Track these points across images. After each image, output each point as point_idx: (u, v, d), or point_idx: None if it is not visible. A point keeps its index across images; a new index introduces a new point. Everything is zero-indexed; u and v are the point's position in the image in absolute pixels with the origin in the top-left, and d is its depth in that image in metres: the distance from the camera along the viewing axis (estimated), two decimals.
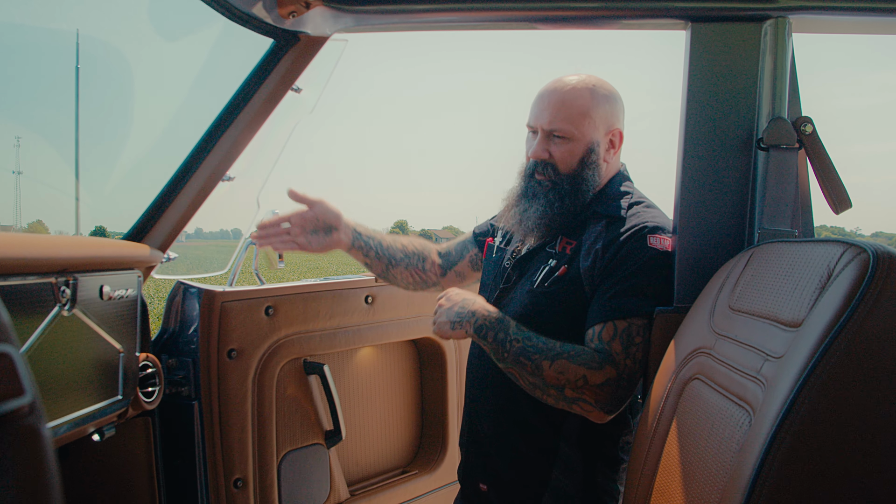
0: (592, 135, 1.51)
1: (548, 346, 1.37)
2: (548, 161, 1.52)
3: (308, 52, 1.61)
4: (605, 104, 1.52)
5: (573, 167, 1.51)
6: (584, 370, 1.34)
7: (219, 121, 1.65)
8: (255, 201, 1.96)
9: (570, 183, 1.51)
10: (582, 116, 1.49)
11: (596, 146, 1.51)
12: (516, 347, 1.37)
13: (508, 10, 1.48)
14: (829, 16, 1.40)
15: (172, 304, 1.77)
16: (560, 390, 1.35)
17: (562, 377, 1.35)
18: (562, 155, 1.51)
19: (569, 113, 1.49)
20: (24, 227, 76.31)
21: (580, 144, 1.50)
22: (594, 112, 1.50)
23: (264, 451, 1.80)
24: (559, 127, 1.49)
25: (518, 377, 1.40)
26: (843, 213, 1.41)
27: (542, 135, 1.52)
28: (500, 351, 1.39)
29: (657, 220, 1.46)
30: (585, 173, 1.51)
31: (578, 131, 1.49)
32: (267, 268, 2.05)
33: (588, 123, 1.50)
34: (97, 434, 1.46)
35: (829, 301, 0.89)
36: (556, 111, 1.50)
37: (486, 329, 1.40)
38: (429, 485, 2.26)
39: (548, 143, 1.52)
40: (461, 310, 1.44)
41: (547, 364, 1.35)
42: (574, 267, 1.46)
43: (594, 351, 1.38)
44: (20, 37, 22.51)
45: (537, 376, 1.36)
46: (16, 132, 53.75)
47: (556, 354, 1.36)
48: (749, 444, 0.91)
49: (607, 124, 1.53)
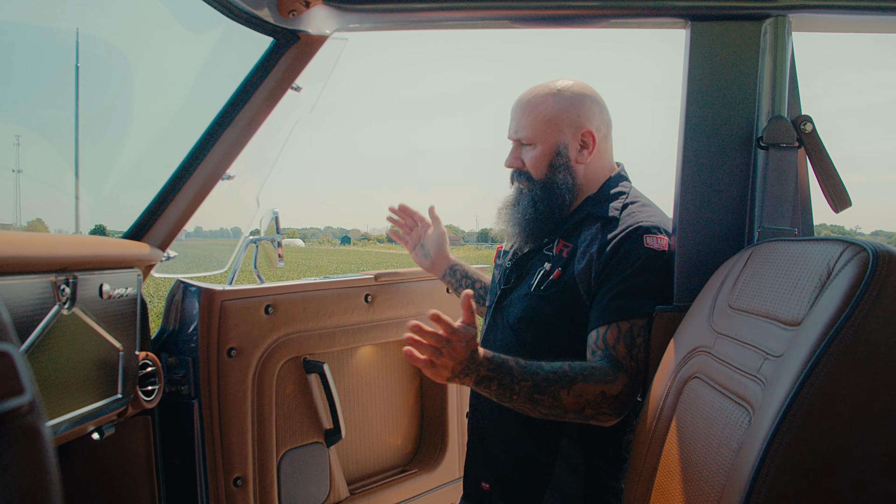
0: (557, 138, 1.53)
1: (559, 373, 1.33)
2: (521, 169, 1.58)
3: (308, 50, 1.62)
4: (570, 107, 1.53)
5: (543, 172, 1.55)
6: (602, 387, 1.33)
7: (218, 119, 1.65)
8: (255, 200, 1.97)
9: (542, 188, 1.54)
10: (543, 122, 1.53)
11: (563, 149, 1.53)
12: (526, 387, 1.31)
13: (508, 9, 1.48)
14: (829, 14, 1.40)
15: (172, 303, 1.77)
16: (580, 412, 1.34)
17: (581, 399, 1.32)
18: (531, 162, 1.55)
19: (529, 120, 1.54)
20: (23, 226, 76.27)
21: (545, 150, 1.54)
22: (557, 116, 1.52)
23: (264, 450, 1.80)
24: (523, 135, 1.55)
25: (529, 411, 1.34)
26: (842, 211, 1.41)
27: (514, 144, 1.59)
28: (506, 395, 1.32)
29: (653, 220, 1.46)
30: (557, 177, 1.54)
31: (541, 137, 1.53)
32: (267, 266, 2.05)
33: (550, 128, 1.52)
34: (97, 433, 1.46)
35: (829, 300, 0.89)
36: (520, 119, 1.55)
37: (489, 380, 1.32)
38: (428, 484, 2.26)
39: (518, 152, 1.58)
40: (466, 368, 1.31)
41: (564, 393, 1.32)
42: (569, 270, 1.46)
43: (604, 361, 1.37)
44: (20, 36, 22.51)
45: (555, 407, 1.33)
46: (15, 131, 53.71)
47: (571, 380, 1.32)
48: (749, 442, 0.91)
49: (575, 126, 1.53)
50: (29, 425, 0.42)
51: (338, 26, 1.57)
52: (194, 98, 1.94)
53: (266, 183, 1.93)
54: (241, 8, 1.43)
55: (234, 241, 2.07)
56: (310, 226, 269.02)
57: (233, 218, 2.16)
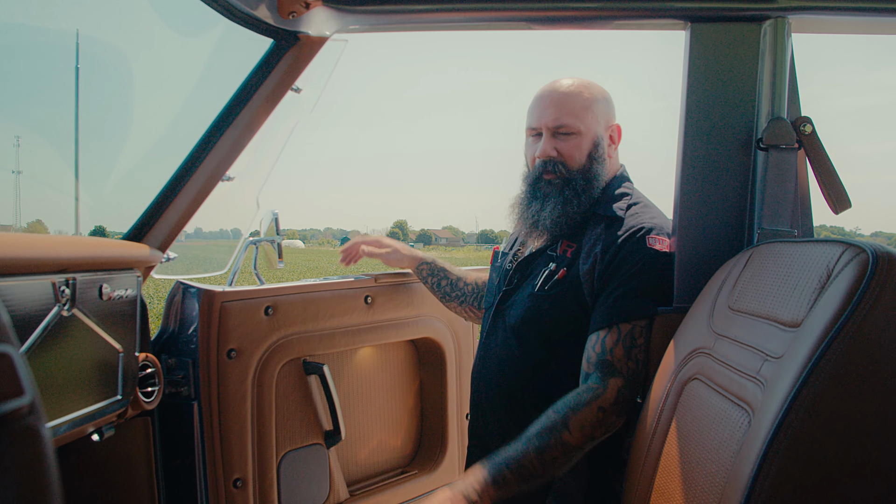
0: (596, 128, 1.54)
1: (549, 424, 1.30)
2: (556, 159, 1.53)
3: (308, 52, 1.62)
4: (602, 100, 1.55)
5: (582, 161, 1.53)
6: (595, 403, 1.32)
7: (218, 121, 1.65)
8: (255, 201, 1.97)
9: (583, 177, 1.52)
10: (584, 110, 1.52)
11: (600, 140, 1.54)
12: (533, 459, 1.28)
13: (507, 10, 1.48)
14: (828, 16, 1.40)
15: (172, 304, 1.76)
16: (593, 438, 1.33)
17: (585, 429, 1.31)
18: (570, 150, 1.52)
19: (572, 108, 1.52)
20: (23, 227, 76.26)
21: (587, 138, 1.52)
22: (596, 107, 1.53)
23: (264, 452, 1.80)
24: (565, 122, 1.51)
25: (557, 471, 1.32)
26: (842, 212, 1.41)
27: (548, 133, 1.53)
28: (527, 479, 1.28)
29: (655, 221, 1.46)
30: (595, 167, 1.53)
31: (584, 125, 1.52)
32: (267, 267, 2.05)
33: (591, 117, 1.53)
34: (96, 434, 1.46)
35: (829, 301, 0.89)
36: (560, 108, 1.52)
37: (500, 486, 1.27)
38: (428, 485, 2.26)
39: (554, 141, 1.53)
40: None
41: (567, 435, 1.30)
42: (573, 270, 1.46)
43: (595, 369, 1.36)
44: (20, 37, 22.43)
45: (569, 452, 1.30)
46: (16, 132, 53.70)
47: (564, 420, 1.30)
48: (748, 444, 0.91)
49: (606, 119, 1.56)
50: (29, 427, 0.42)
51: (338, 28, 1.57)
52: (194, 99, 1.94)
53: (266, 184, 1.93)
54: (240, 9, 1.43)
55: (234, 242, 2.06)
56: (310, 227, 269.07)
57: (233, 219, 2.17)
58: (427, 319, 2.17)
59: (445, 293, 1.94)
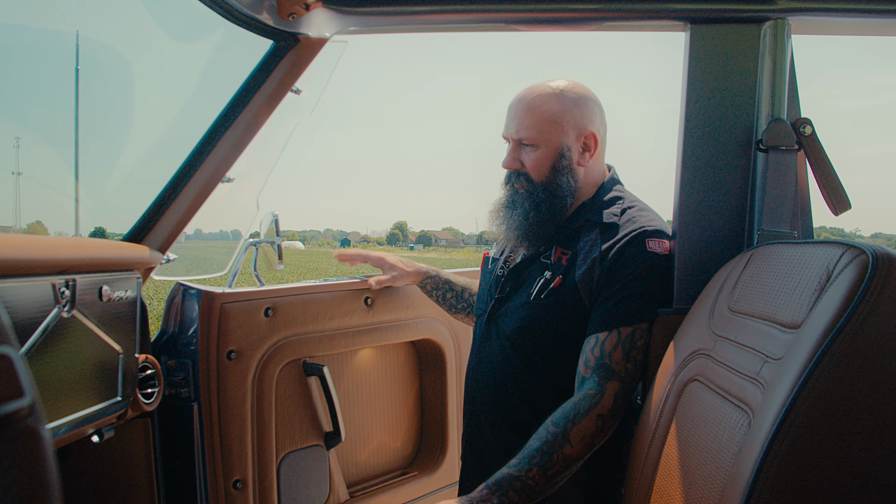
0: (561, 140, 1.49)
1: (550, 438, 1.29)
2: (520, 171, 1.53)
3: (307, 53, 1.62)
4: (573, 108, 1.50)
5: (545, 174, 1.51)
6: (594, 412, 1.31)
7: (218, 122, 1.65)
8: (255, 203, 1.97)
9: (545, 191, 1.50)
10: (548, 123, 1.48)
11: (566, 151, 1.50)
12: (536, 475, 1.26)
13: (508, 12, 1.48)
14: (828, 17, 1.40)
15: (172, 306, 1.77)
16: (592, 446, 1.32)
17: (585, 439, 1.30)
18: (532, 163, 1.51)
19: (534, 120, 1.49)
20: (23, 228, 76.23)
21: (549, 151, 1.50)
22: (562, 117, 1.49)
23: (264, 453, 1.80)
24: (525, 135, 1.50)
25: (558, 485, 1.30)
26: (842, 214, 1.41)
27: (513, 144, 1.53)
28: (532, 495, 1.25)
29: (654, 224, 1.46)
30: (559, 179, 1.50)
31: (545, 138, 1.49)
32: (267, 269, 2.05)
33: (555, 129, 1.49)
34: (96, 435, 1.46)
35: (829, 303, 0.89)
36: (522, 119, 1.50)
37: (505, 496, 1.23)
38: (428, 486, 2.26)
39: (518, 153, 1.53)
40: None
41: (568, 448, 1.29)
42: (570, 277, 1.45)
43: (593, 373, 1.35)
44: (20, 38, 22.59)
45: (570, 463, 1.29)
46: (16, 133, 53.72)
47: (564, 433, 1.29)
48: (748, 445, 0.91)
49: (578, 128, 1.51)
50: (29, 428, 0.42)
51: (338, 29, 1.57)
52: (194, 100, 1.94)
53: (266, 185, 1.93)
54: (240, 10, 1.43)
55: (234, 243, 2.06)
56: (310, 228, 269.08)
57: (232, 220, 2.17)
58: (427, 321, 2.17)
59: (452, 305, 1.94)
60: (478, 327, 1.63)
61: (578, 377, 1.40)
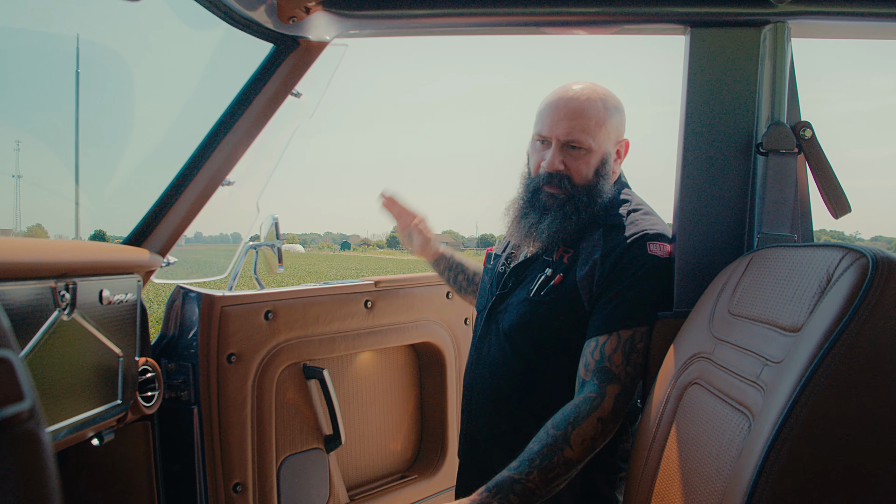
0: (606, 145, 1.49)
1: (550, 441, 1.28)
2: (563, 173, 1.48)
3: (308, 56, 1.62)
4: (616, 114, 1.51)
5: (589, 178, 1.49)
6: (594, 415, 1.31)
7: (219, 125, 1.65)
8: (255, 205, 1.97)
9: (587, 194, 1.48)
10: (598, 127, 1.47)
11: (609, 157, 1.50)
12: (536, 478, 1.25)
13: (508, 15, 1.48)
14: (828, 20, 1.40)
15: (172, 309, 1.77)
16: (593, 449, 1.32)
17: (585, 442, 1.29)
18: (578, 166, 1.48)
19: (586, 124, 1.46)
20: (23, 232, 76.28)
21: (596, 156, 1.48)
22: (609, 122, 1.49)
23: (264, 456, 1.80)
24: (577, 138, 1.46)
25: (558, 488, 1.30)
26: (842, 217, 1.41)
27: (557, 145, 1.48)
28: (531, 498, 1.25)
29: (657, 227, 1.46)
30: (600, 184, 1.49)
31: (596, 143, 1.47)
32: (267, 272, 2.05)
33: (604, 135, 1.48)
34: (96, 439, 1.46)
35: (829, 306, 0.89)
36: (574, 122, 1.46)
37: (505, 498, 1.23)
38: (428, 490, 2.25)
39: (563, 154, 1.49)
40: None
41: (568, 451, 1.28)
42: (570, 276, 1.45)
43: (593, 376, 1.35)
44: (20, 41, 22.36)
45: (570, 466, 1.29)
46: (16, 136, 53.77)
47: (564, 436, 1.29)
48: (748, 449, 0.90)
49: (618, 135, 1.52)
50: (29, 431, 0.42)
51: (338, 32, 1.57)
52: (194, 104, 1.94)
53: (266, 188, 1.93)
54: (241, 14, 1.44)
55: (234, 246, 2.07)
56: (309, 231, 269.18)
57: (232, 223, 2.17)
58: (427, 324, 2.17)
59: (461, 286, 1.95)
60: (477, 323, 1.64)
61: (579, 380, 1.40)
